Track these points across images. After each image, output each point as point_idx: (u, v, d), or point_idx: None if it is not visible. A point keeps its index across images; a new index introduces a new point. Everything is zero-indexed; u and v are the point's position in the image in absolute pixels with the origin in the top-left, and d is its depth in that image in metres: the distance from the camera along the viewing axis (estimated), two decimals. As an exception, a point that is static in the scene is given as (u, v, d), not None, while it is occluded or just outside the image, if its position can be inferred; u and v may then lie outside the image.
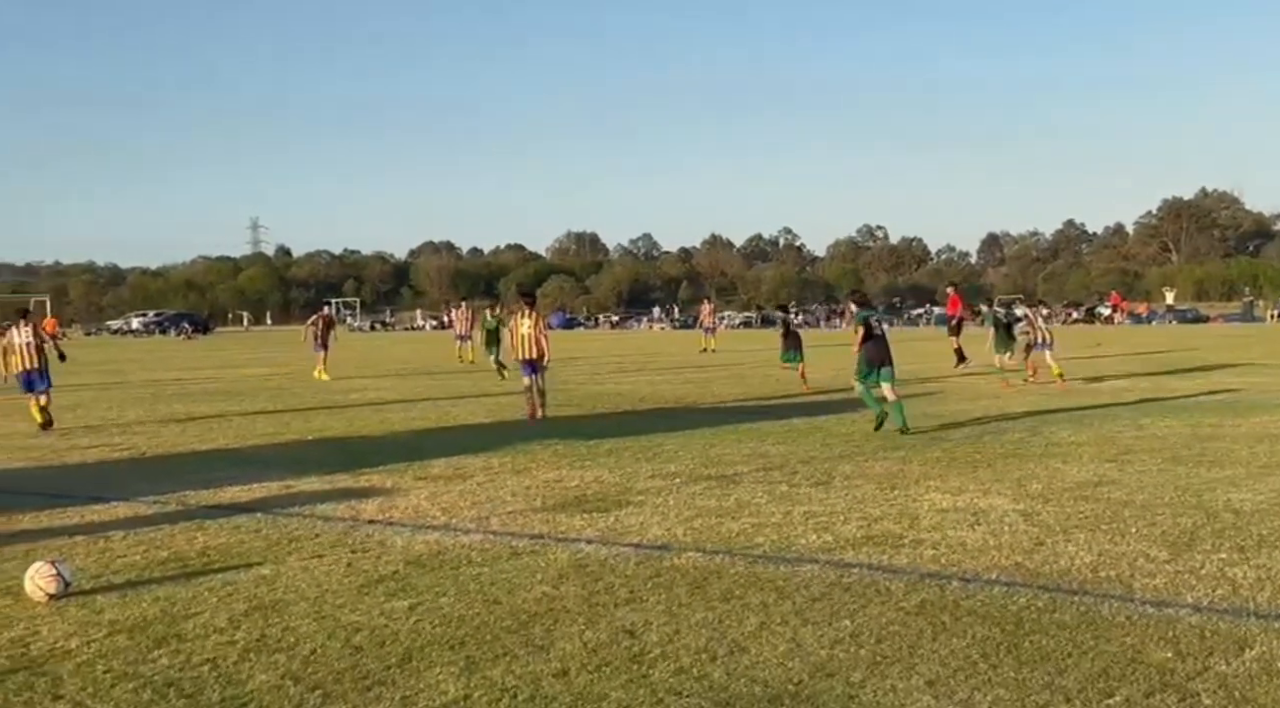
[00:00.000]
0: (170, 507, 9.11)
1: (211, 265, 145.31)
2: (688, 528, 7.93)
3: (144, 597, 6.19)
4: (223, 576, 6.67)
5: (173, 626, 5.62)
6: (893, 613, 5.64)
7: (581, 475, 10.42)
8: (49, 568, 6.17)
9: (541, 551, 7.27)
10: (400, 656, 5.09)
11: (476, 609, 5.85)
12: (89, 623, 5.67)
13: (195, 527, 8.20)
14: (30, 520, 8.54)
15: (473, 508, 8.86)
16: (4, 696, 4.60)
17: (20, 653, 5.19)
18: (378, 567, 6.87)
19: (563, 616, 5.71)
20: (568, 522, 8.25)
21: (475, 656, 5.08)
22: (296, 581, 6.54)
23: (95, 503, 9.26)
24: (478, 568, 6.80)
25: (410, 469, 10.94)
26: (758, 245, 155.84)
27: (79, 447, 13.34)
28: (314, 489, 9.89)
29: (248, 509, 8.90)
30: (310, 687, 4.69)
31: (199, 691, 4.66)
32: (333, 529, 8.09)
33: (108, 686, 4.72)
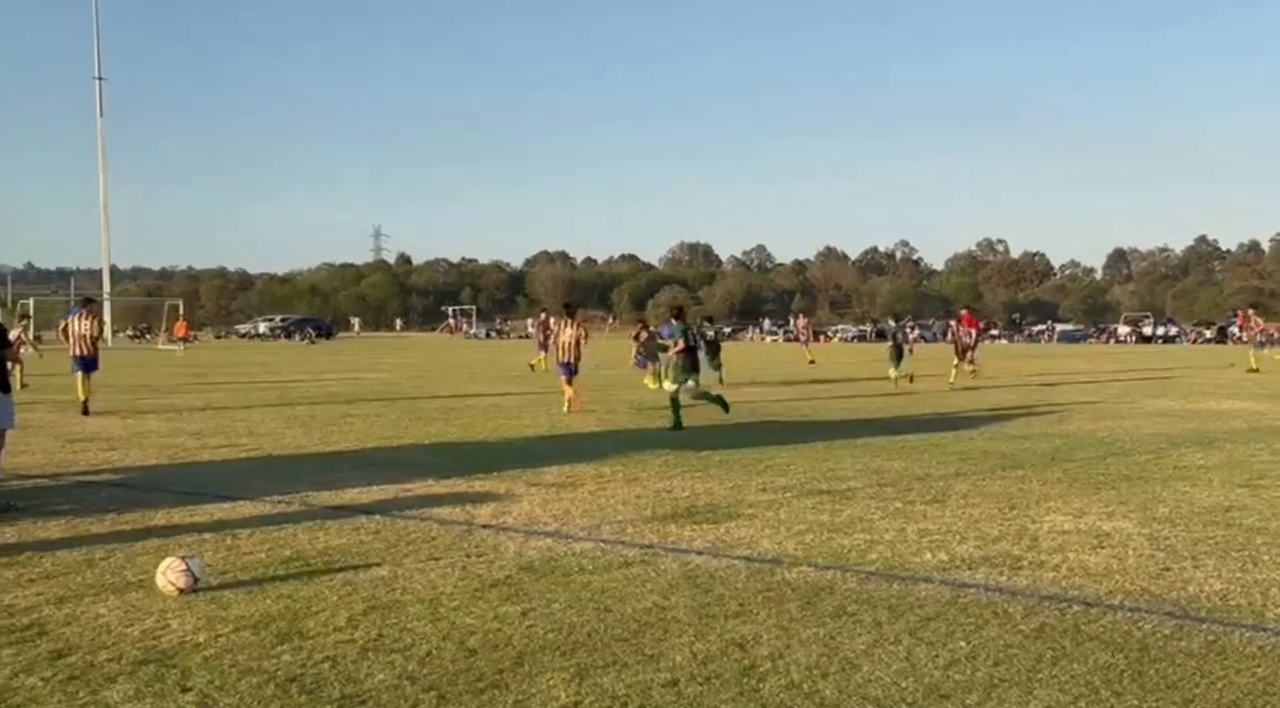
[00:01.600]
0: (293, 507, 9.38)
1: (335, 272, 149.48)
2: (799, 542, 7.86)
3: (268, 594, 6.38)
4: (342, 575, 6.84)
5: (295, 623, 5.79)
6: (1011, 636, 5.50)
7: (692, 486, 10.42)
8: (180, 564, 6.41)
9: (652, 560, 7.28)
10: (513, 660, 5.16)
11: (587, 617, 5.89)
12: (216, 618, 5.87)
13: (317, 527, 8.43)
14: (163, 517, 8.88)
15: (584, 516, 8.92)
16: (136, 686, 4.79)
17: (152, 645, 5.40)
18: (491, 571, 6.97)
19: (673, 626, 5.72)
20: (678, 532, 8.25)
21: (586, 663, 5.11)
22: (413, 582, 6.67)
23: (223, 502, 9.59)
24: (589, 576, 6.85)
25: (523, 476, 11.07)
26: (873, 258, 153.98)
27: (209, 446, 13.84)
28: (430, 493, 10.08)
29: (366, 511, 9.11)
30: (426, 687, 4.78)
31: (319, 687, 4.79)
32: (448, 533, 8.23)
33: (233, 679, 4.89)
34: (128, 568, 7.02)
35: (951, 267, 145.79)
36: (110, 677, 4.90)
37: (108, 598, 6.28)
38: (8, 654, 5.22)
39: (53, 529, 8.34)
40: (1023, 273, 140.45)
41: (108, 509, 9.15)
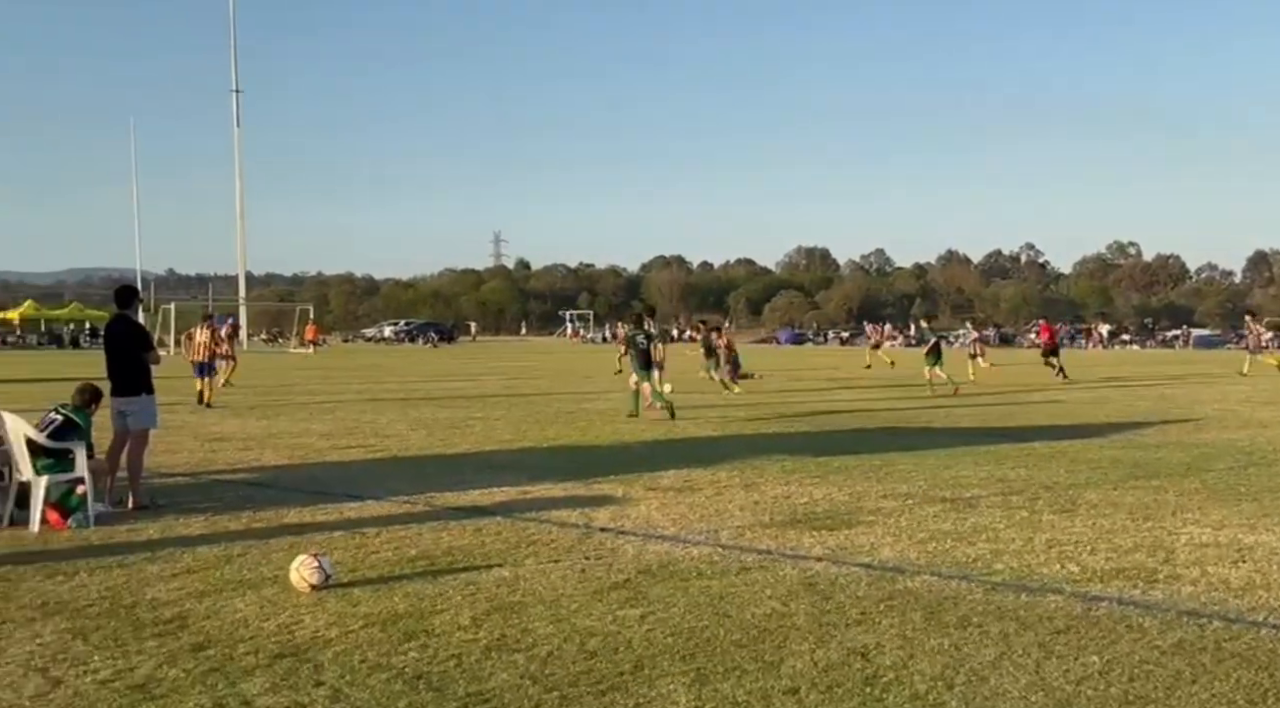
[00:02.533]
0: (418, 507, 9.59)
1: (457, 277, 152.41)
2: (921, 551, 7.72)
3: (395, 592, 6.54)
4: (466, 575, 6.97)
5: (421, 621, 5.92)
6: (1146, 651, 5.31)
7: (811, 493, 10.32)
8: (312, 561, 6.61)
9: (770, 566, 7.24)
10: (633, 663, 5.18)
11: (706, 622, 5.88)
12: (346, 614, 6.04)
13: (441, 527, 8.60)
14: (295, 516, 9.18)
15: (702, 521, 8.92)
16: (272, 680, 4.95)
17: (286, 639, 5.58)
18: (610, 574, 7.01)
19: (793, 633, 5.67)
20: (797, 539, 8.18)
21: (706, 668, 5.11)
22: (534, 583, 6.76)
23: (352, 501, 9.86)
24: (707, 580, 6.84)
25: (640, 479, 11.12)
26: (997, 261, 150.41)
27: (338, 447, 14.25)
28: (550, 495, 10.20)
29: (489, 512, 9.27)
30: (548, 688, 4.84)
31: (445, 685, 4.89)
32: (567, 535, 8.32)
33: (363, 675, 5.02)
34: (263, 564, 7.27)
35: (1080, 270, 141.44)
36: (248, 670, 5.08)
37: (245, 593, 6.51)
38: (151, 646, 5.45)
39: (193, 526, 8.69)
40: (1156, 276, 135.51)
41: (244, 507, 9.50)
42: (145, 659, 5.23)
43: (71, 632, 5.69)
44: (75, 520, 8.60)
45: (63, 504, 8.64)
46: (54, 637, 5.60)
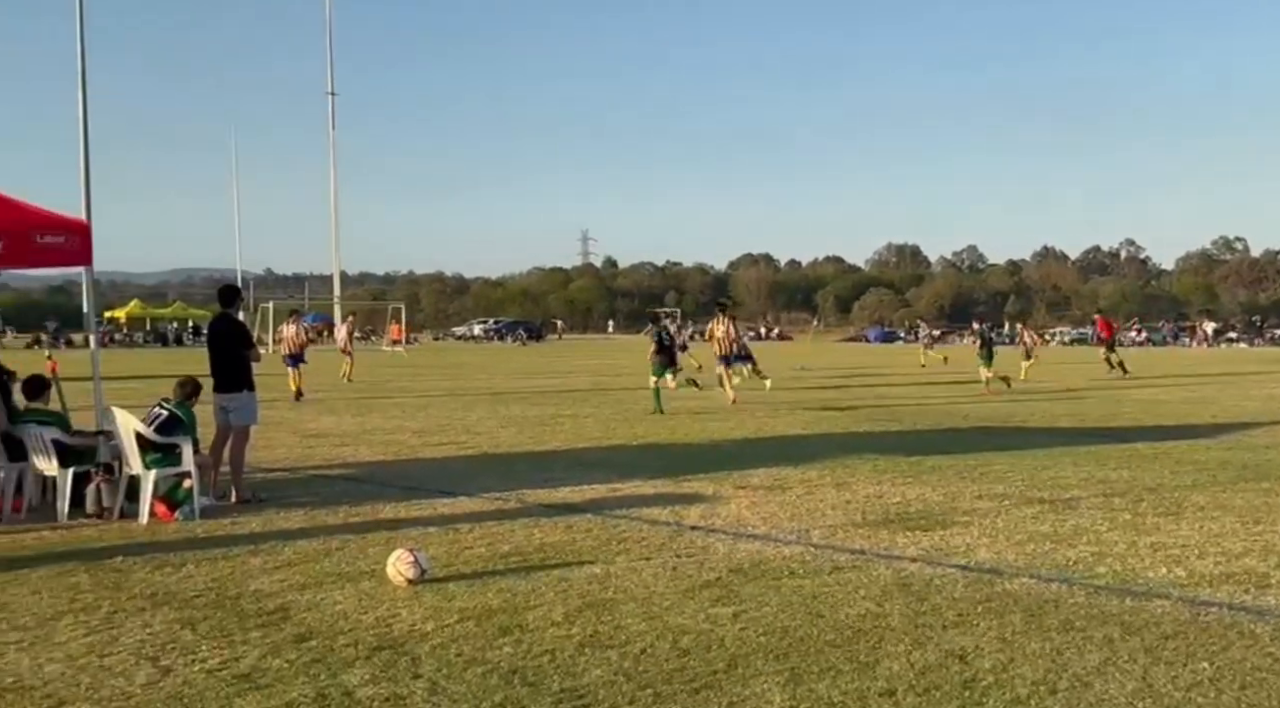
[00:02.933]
0: (510, 504, 9.69)
1: (545, 276, 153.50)
2: (1019, 552, 7.57)
3: (489, 587, 6.61)
4: (558, 571, 7.02)
5: (515, 616, 5.97)
6: (1259, 658, 5.13)
7: (904, 492, 10.18)
8: (408, 555, 6.72)
9: (864, 566, 7.16)
10: (726, 662, 5.16)
11: (799, 621, 5.84)
12: (442, 609, 6.12)
13: (532, 524, 8.68)
14: (390, 511, 9.34)
15: (793, 520, 8.86)
16: (372, 671, 5.05)
17: (384, 632, 5.68)
18: (701, 572, 7.00)
19: (888, 634, 5.60)
20: (890, 539, 8.08)
21: (800, 668, 5.07)
22: (625, 581, 6.78)
23: (445, 497, 10.00)
24: (799, 580, 6.79)
25: (730, 478, 11.08)
26: (1095, 257, 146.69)
27: (430, 443, 14.46)
28: (639, 493, 10.22)
29: (579, 509, 9.32)
30: (641, 685, 4.85)
31: (540, 680, 4.93)
32: (658, 533, 8.33)
33: (459, 668, 5.09)
34: (360, 558, 7.42)
35: (1183, 266, 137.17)
36: (348, 661, 5.19)
37: (344, 586, 6.65)
38: (256, 637, 5.60)
39: (293, 520, 8.89)
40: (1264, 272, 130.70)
41: (341, 502, 9.69)
42: (250, 649, 5.37)
43: (180, 622, 5.87)
44: (182, 513, 8.87)
45: (170, 497, 8.92)
46: (163, 626, 5.78)
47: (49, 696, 4.71)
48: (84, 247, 9.15)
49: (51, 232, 8.97)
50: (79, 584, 6.70)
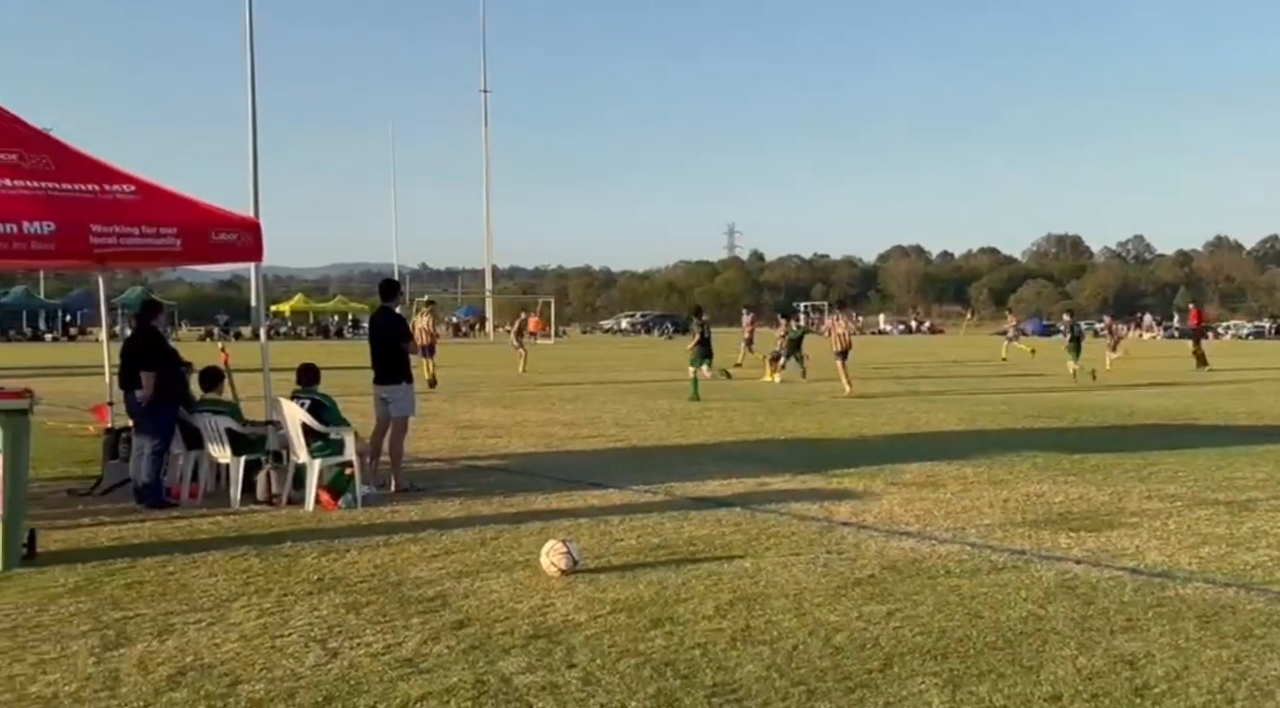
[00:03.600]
0: (659, 496, 9.73)
1: (691, 269, 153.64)
2: (1193, 556, 7.22)
3: (640, 579, 6.65)
4: (708, 565, 7.01)
5: (666, 609, 6.00)
6: None
7: (1066, 491, 9.83)
8: (561, 546, 6.82)
9: (1024, 567, 6.94)
10: (881, 661, 5.07)
11: (958, 622, 5.70)
12: (594, 599, 6.19)
13: (681, 517, 8.70)
14: (542, 502, 9.49)
15: (948, 518, 8.65)
16: (528, 659, 5.14)
17: (539, 621, 5.78)
18: (853, 570, 6.90)
19: (1052, 637, 5.42)
20: (1052, 539, 7.81)
21: (959, 669, 4.94)
22: (776, 576, 6.73)
23: (595, 489, 10.12)
24: (956, 579, 6.63)
25: (882, 474, 10.89)
26: (1273, 247, 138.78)
27: (580, 436, 14.65)
28: (788, 488, 10.14)
29: (727, 503, 9.30)
30: (794, 681, 4.80)
31: (692, 673, 4.93)
32: (808, 528, 8.24)
33: (613, 659, 5.13)
34: (514, 548, 7.56)
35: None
36: (505, 649, 5.29)
37: (499, 575, 6.79)
38: (416, 622, 5.76)
39: (449, 509, 9.13)
40: None
41: (495, 492, 9.90)
42: (412, 635, 5.53)
43: (345, 606, 6.09)
44: (345, 501, 9.20)
45: (334, 485, 9.26)
46: (330, 610, 6.01)
47: (226, 674, 4.94)
48: (255, 244, 9.55)
49: (226, 229, 9.39)
50: (251, 568, 7.02)
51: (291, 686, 4.77)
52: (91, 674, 4.93)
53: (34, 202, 8.33)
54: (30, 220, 8.13)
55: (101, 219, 8.56)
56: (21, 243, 8.11)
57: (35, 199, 8.36)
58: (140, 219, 8.80)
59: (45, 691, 4.72)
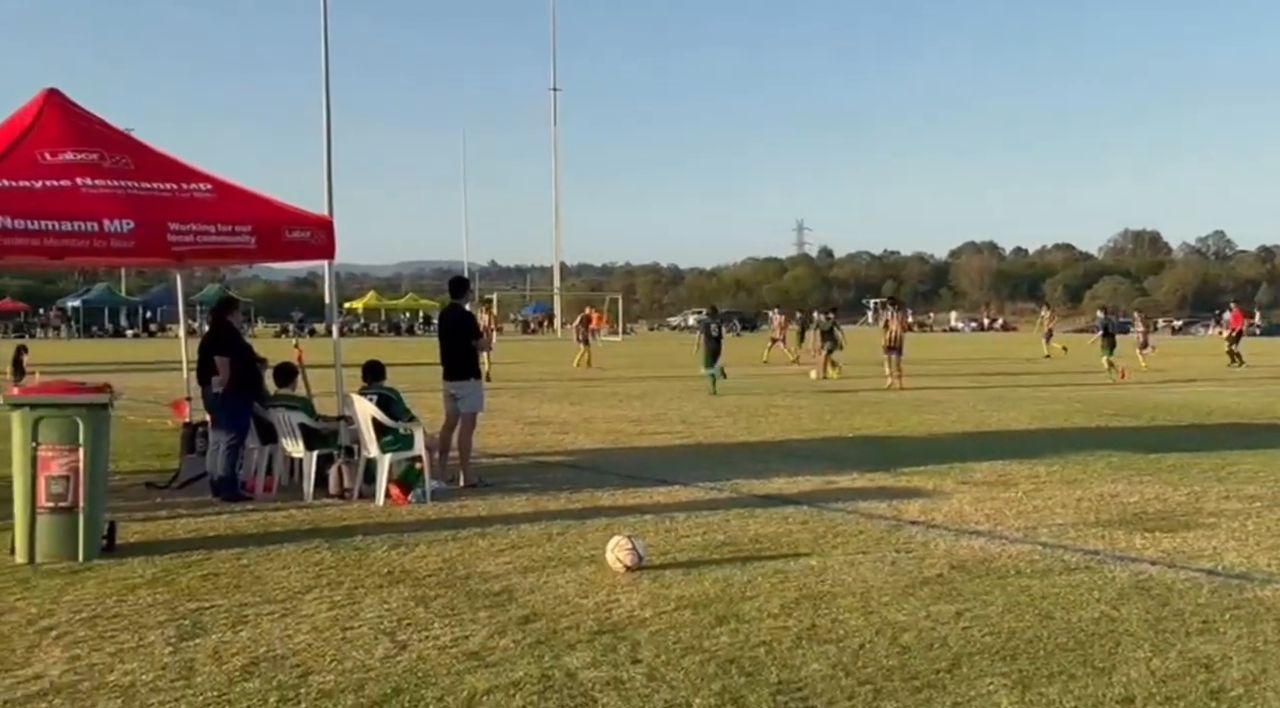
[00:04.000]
0: (724, 494, 9.72)
1: (759, 266, 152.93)
2: (1272, 558, 7.04)
3: (705, 576, 6.65)
4: (773, 563, 6.98)
5: (731, 606, 5.98)
6: None
7: (1141, 491, 9.63)
8: (626, 542, 6.84)
9: (1097, 568, 6.81)
10: (949, 661, 5.02)
11: (1028, 623, 5.61)
12: (659, 596, 6.20)
13: (747, 514, 8.67)
14: (608, 498, 9.52)
15: (1019, 517, 8.52)
16: (593, 655, 5.16)
17: (604, 617, 5.80)
18: (921, 569, 6.83)
19: (1125, 639, 5.31)
20: (1126, 540, 7.66)
21: (1029, 671, 4.87)
22: (842, 575, 6.68)
23: (660, 486, 10.12)
24: (1027, 580, 6.53)
25: (951, 472, 10.76)
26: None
27: (647, 432, 14.67)
28: (855, 486, 10.06)
29: (794, 501, 9.25)
30: (861, 680, 4.77)
31: (757, 671, 4.92)
32: (875, 527, 8.17)
33: (678, 655, 5.13)
34: (580, 544, 7.60)
35: None
36: (570, 644, 5.32)
37: (565, 570, 6.83)
38: (483, 616, 5.82)
39: (516, 504, 9.20)
40: None
41: (561, 488, 9.96)
42: (478, 629, 5.58)
43: (414, 599, 6.17)
44: (414, 496, 9.31)
45: (404, 480, 9.38)
46: (399, 603, 6.09)
47: (298, 665, 5.03)
48: (328, 241, 9.71)
49: (299, 227, 9.57)
50: (323, 561, 7.14)
51: (361, 677, 4.85)
52: (167, 664, 5.05)
53: (114, 201, 8.55)
54: (110, 219, 8.35)
55: (179, 217, 8.77)
56: (102, 241, 8.34)
57: (115, 198, 8.59)
58: (216, 217, 9.00)
59: (123, 679, 4.85)
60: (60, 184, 8.51)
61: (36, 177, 8.50)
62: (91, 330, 70.59)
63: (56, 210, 8.23)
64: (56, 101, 9.40)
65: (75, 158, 8.83)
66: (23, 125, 9.07)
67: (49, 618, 5.79)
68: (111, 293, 77.67)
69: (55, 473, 7.08)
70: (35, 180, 8.46)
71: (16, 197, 8.23)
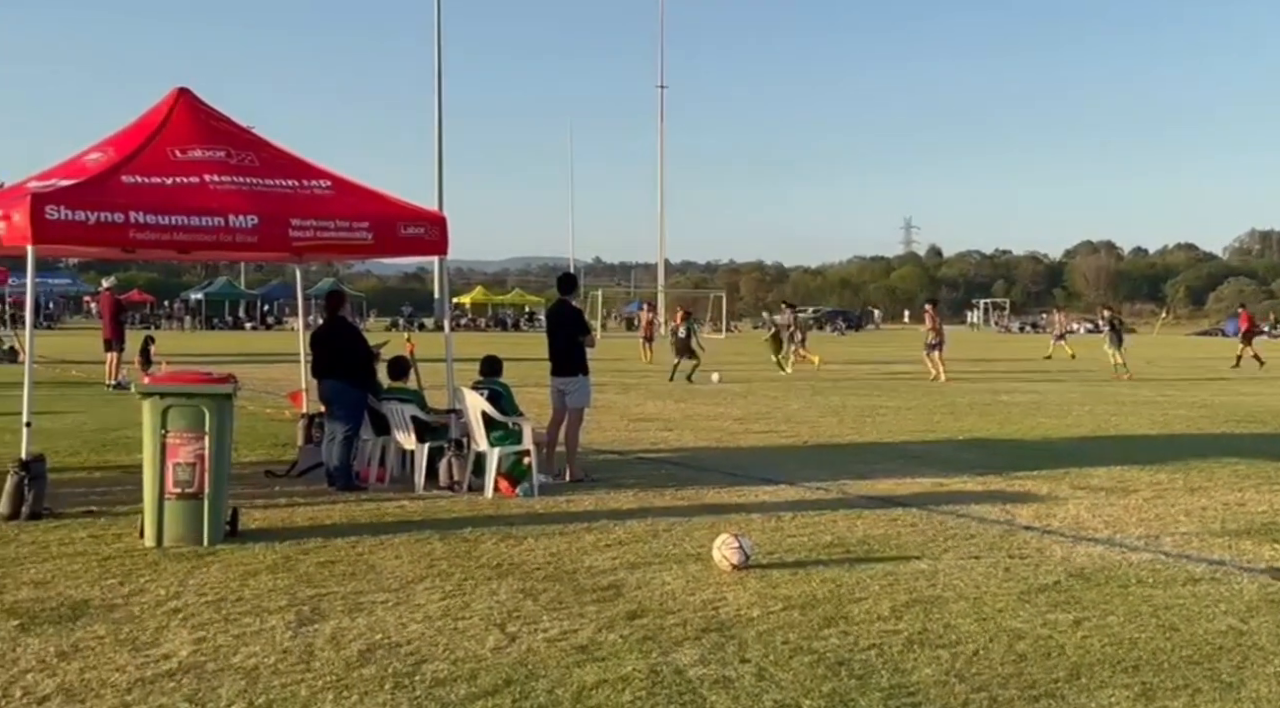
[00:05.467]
0: (831, 494, 9.62)
1: (865, 265, 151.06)
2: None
3: (812, 576, 6.59)
4: (882, 565, 6.89)
5: (839, 607, 5.92)
6: None
7: (1270, 500, 9.26)
8: (733, 541, 6.82)
9: (1223, 579, 6.57)
10: (1068, 670, 4.89)
11: (1150, 634, 5.44)
12: (766, 595, 6.16)
13: (854, 515, 8.57)
14: (713, 496, 9.50)
15: (1140, 525, 8.26)
16: (701, 652, 5.16)
17: (711, 615, 5.79)
18: (1037, 575, 6.67)
19: (1253, 653, 5.12)
20: (1254, 550, 7.37)
21: (1152, 683, 4.72)
22: (954, 579, 6.56)
23: (766, 484, 10.07)
24: (1149, 589, 6.33)
25: (1067, 477, 10.49)
26: None
27: (751, 431, 14.60)
28: (967, 489, 9.86)
29: (903, 503, 9.11)
30: (975, 687, 4.67)
31: (868, 674, 4.86)
32: (988, 531, 8.01)
33: (786, 656, 5.10)
34: (686, 541, 7.60)
35: None
36: (678, 640, 5.33)
37: (671, 567, 6.83)
38: (591, 610, 5.86)
39: (623, 500, 9.24)
40: None
41: (667, 485, 9.97)
42: (586, 623, 5.63)
43: (523, 592, 6.24)
44: (522, 490, 9.42)
45: (512, 474, 9.50)
46: (508, 596, 6.16)
47: (412, 653, 5.13)
48: (441, 238, 9.87)
49: (414, 224, 9.74)
50: (434, 551, 7.27)
51: (473, 667, 4.92)
52: (288, 648, 5.20)
53: (239, 196, 8.82)
54: (235, 214, 8.61)
55: (300, 213, 9.00)
56: (227, 235, 8.62)
57: (240, 194, 8.86)
58: (335, 213, 9.22)
59: (247, 662, 5.01)
60: (189, 181, 8.81)
61: (167, 173, 8.81)
62: (213, 323, 73.07)
63: (186, 206, 8.52)
64: (186, 100, 9.72)
65: (203, 155, 9.13)
66: (155, 123, 9.41)
67: (176, 600, 6.01)
68: (232, 286, 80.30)
69: (182, 460, 7.34)
70: (166, 177, 8.77)
71: (149, 193, 8.55)
